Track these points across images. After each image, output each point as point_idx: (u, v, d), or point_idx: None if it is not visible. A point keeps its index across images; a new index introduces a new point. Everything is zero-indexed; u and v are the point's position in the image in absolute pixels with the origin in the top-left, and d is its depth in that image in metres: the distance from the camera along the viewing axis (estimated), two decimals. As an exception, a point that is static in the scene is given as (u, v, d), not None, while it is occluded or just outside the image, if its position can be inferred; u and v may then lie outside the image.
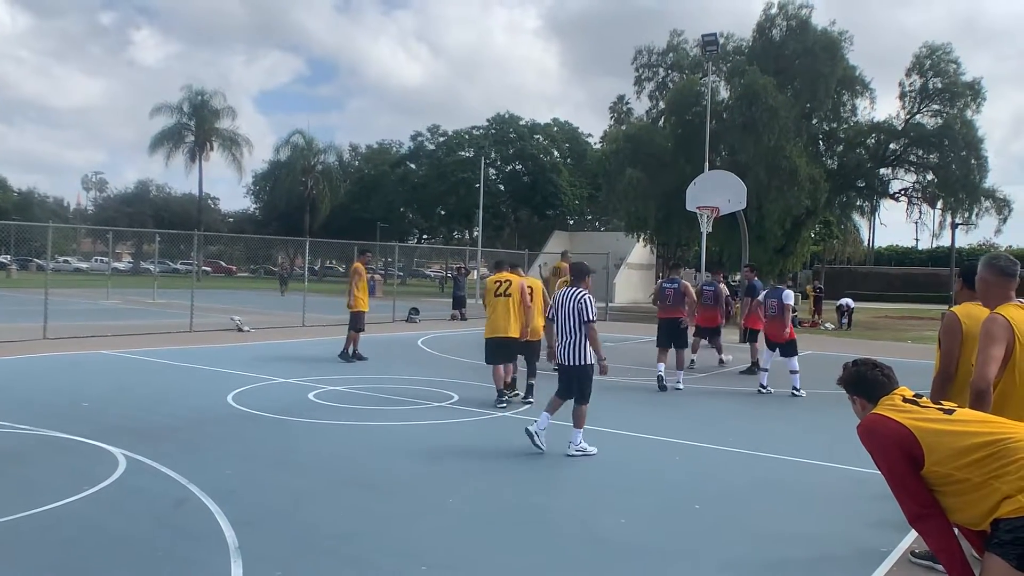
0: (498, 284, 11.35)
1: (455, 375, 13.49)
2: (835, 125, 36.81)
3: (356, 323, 15.44)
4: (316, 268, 75.32)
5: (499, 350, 11.10)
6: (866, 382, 4.06)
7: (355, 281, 15.74)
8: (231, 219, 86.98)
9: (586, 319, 8.19)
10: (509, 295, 11.24)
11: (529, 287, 11.63)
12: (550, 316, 8.65)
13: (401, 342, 19.71)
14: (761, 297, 13.68)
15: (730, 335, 20.47)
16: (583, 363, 8.28)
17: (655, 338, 14.16)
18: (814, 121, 36.43)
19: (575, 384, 8.35)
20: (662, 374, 13.29)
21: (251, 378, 12.55)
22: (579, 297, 8.29)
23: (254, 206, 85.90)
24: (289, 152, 72.30)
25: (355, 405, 10.55)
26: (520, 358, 11.66)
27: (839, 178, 36.47)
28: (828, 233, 58.66)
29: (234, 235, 47.13)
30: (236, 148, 67.22)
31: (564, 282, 16.01)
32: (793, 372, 13.03)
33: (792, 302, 13.65)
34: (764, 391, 13.05)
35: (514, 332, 11.10)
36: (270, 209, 76.86)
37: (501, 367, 11.10)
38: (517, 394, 11.51)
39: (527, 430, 8.33)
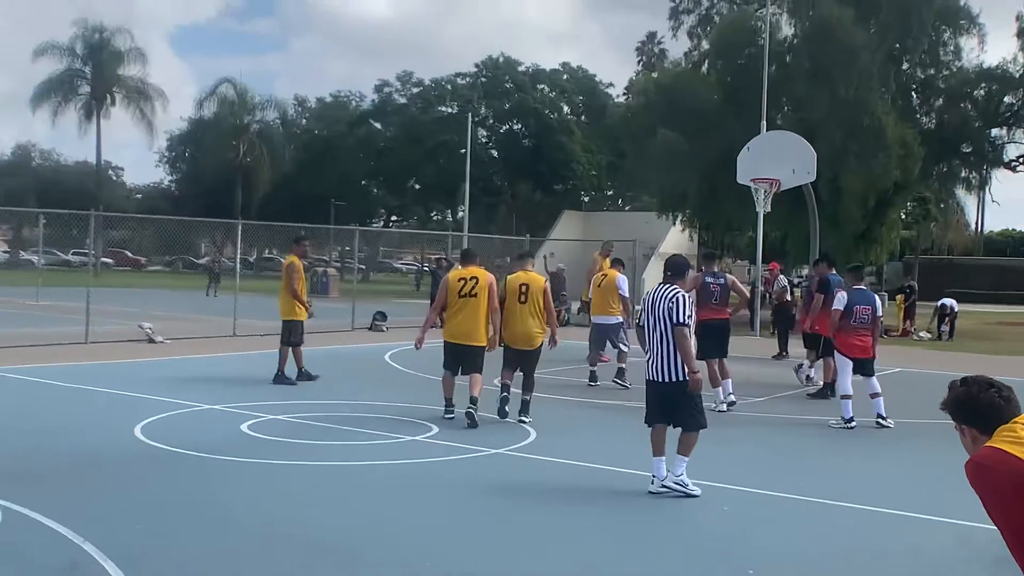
0: (462, 282, 11.89)
1: (434, 400, 13.42)
2: (933, 72, 36.79)
3: (291, 335, 15.19)
4: (252, 260, 75.24)
5: (457, 357, 12.04)
6: (978, 406, 4.04)
7: (292, 280, 15.27)
8: (139, 195, 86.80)
9: (675, 320, 8.49)
10: (475, 295, 11.83)
11: (523, 284, 12.08)
12: (640, 323, 8.95)
13: (363, 356, 19.64)
14: (840, 301, 13.17)
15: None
16: (680, 379, 8.54)
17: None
18: (905, 66, 36.42)
19: (677, 407, 8.57)
20: (732, 396, 13.57)
21: (166, 404, 12.52)
22: (671, 295, 8.61)
23: (169, 178, 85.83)
24: (215, 108, 72.33)
25: (302, 439, 10.53)
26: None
27: (938, 141, 36.46)
28: (923, 214, 58.73)
29: (144, 216, 46.69)
30: (145, 102, 67.20)
31: (602, 278, 16.17)
32: (875, 395, 12.96)
33: (881, 311, 13.61)
34: (844, 424, 12.87)
35: (479, 339, 11.92)
36: (191, 182, 76.82)
37: (452, 376, 12.06)
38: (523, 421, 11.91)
39: (651, 493, 8.53)
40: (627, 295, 16.02)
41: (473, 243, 53.50)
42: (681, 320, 8.50)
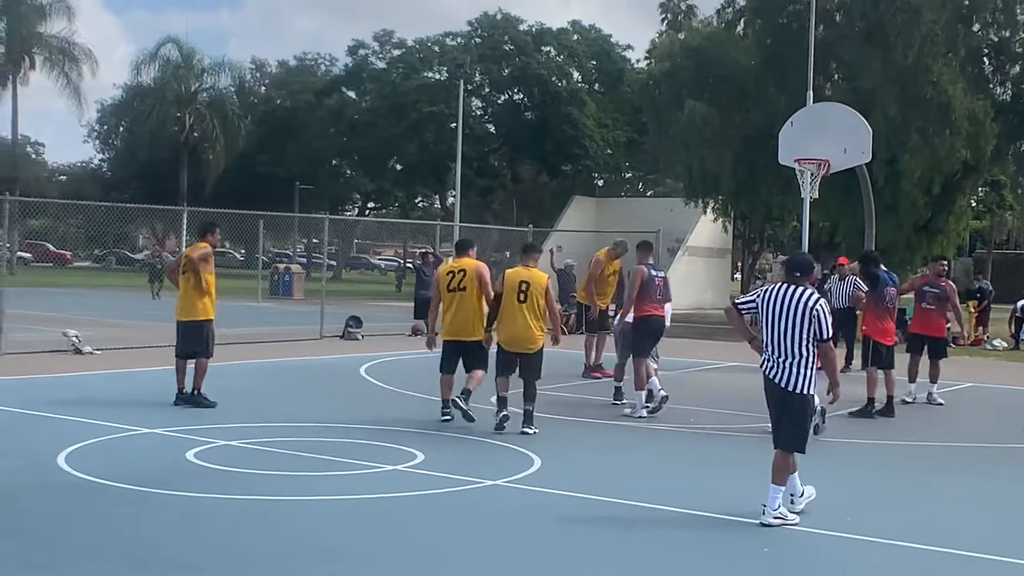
0: (451, 276, 13.27)
1: (420, 422, 13.43)
2: (1008, 34, 36.78)
3: (208, 342, 14.62)
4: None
5: (457, 355, 13.33)
6: None
7: (202, 272, 14.66)
8: (64, 177, 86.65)
9: (823, 336, 9.06)
10: (464, 288, 13.13)
11: (524, 281, 12.75)
12: (739, 305, 9.64)
13: (334, 370, 19.62)
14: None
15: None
16: (801, 391, 9.02)
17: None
18: (976, 27, 36.40)
19: (785, 417, 9.02)
20: (650, 404, 14.51)
21: (95, 427, 12.45)
22: (812, 303, 9.08)
23: (100, 157, 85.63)
24: (157, 72, 72.08)
25: (260, 469, 10.48)
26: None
27: (1014, 116, 36.45)
28: (998, 201, 58.77)
29: (69, 202, 46.41)
30: (72, 66, 67.03)
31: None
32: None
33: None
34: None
35: (477, 333, 13.13)
36: (126, 162, 76.66)
37: (451, 377, 13.34)
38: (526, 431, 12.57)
39: (763, 523, 8.84)
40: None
41: (466, 234, 53.45)
42: (829, 335, 9.10)
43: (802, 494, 9.12)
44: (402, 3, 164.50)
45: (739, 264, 73.04)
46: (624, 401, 15.54)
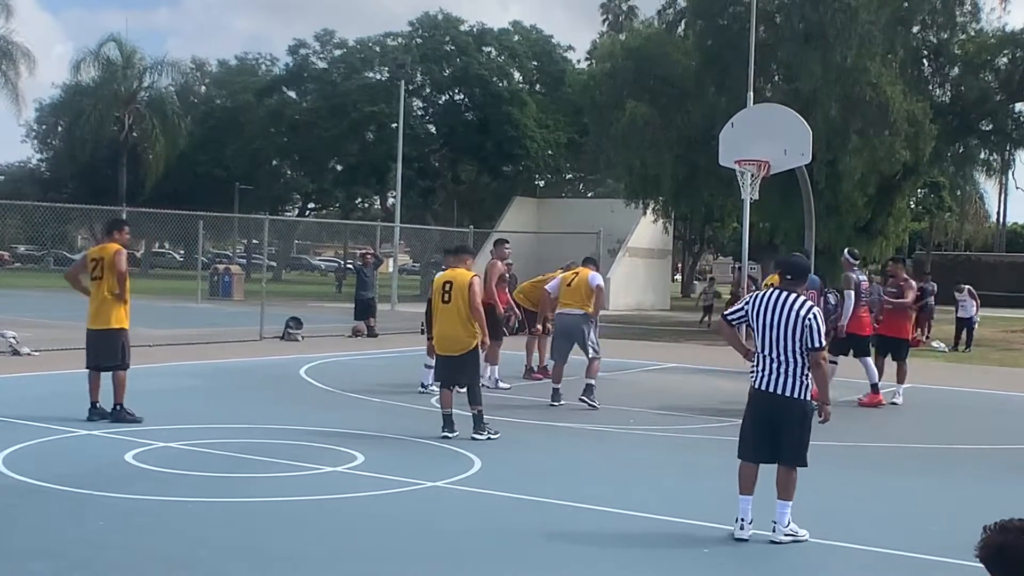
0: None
1: (360, 423, 13.42)
2: (947, 35, 37.20)
3: (127, 353, 13.43)
4: (139, 254, 74.54)
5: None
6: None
7: (115, 276, 13.16)
8: (1, 176, 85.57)
9: (816, 343, 8.59)
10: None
11: (447, 282, 13.00)
12: (728, 317, 9.20)
13: (274, 371, 19.54)
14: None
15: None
16: (799, 397, 8.61)
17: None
18: (915, 29, 36.78)
19: (784, 430, 8.62)
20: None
21: (33, 429, 12.37)
22: (805, 312, 8.63)
23: (39, 157, 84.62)
24: (97, 72, 71.45)
25: (198, 471, 10.46)
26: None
27: (953, 117, 36.89)
28: (936, 202, 59.46)
29: (7, 202, 45.74)
30: (9, 64, 66.25)
31: (573, 276, 16.45)
32: None
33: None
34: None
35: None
36: (65, 162, 75.81)
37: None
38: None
39: (773, 541, 8.52)
40: (601, 285, 16.04)
41: (407, 235, 53.38)
42: (822, 344, 8.65)
43: (750, 522, 8.58)
44: (343, 3, 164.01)
45: (679, 265, 73.44)
46: (563, 402, 15.61)
